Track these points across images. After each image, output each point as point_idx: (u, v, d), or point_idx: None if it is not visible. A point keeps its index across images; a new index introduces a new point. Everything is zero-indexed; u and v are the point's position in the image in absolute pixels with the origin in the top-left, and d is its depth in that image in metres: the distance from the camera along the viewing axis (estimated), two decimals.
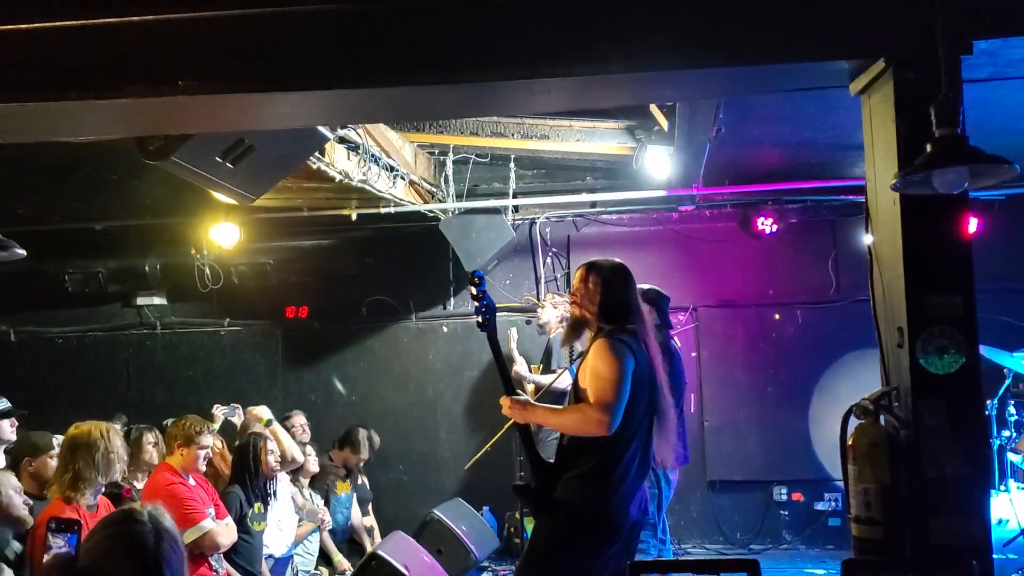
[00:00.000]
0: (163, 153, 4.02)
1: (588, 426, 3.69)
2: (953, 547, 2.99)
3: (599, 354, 3.76)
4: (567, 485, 3.77)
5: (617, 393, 3.67)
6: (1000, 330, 6.74)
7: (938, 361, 3.00)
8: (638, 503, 3.84)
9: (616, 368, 3.70)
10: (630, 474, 3.78)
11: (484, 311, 3.93)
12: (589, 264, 4.02)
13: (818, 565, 7.25)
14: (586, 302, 3.94)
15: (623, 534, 3.77)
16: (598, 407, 3.66)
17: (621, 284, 3.94)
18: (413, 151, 7.65)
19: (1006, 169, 2.59)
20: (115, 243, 8.72)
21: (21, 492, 4.02)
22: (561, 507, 3.77)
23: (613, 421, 3.64)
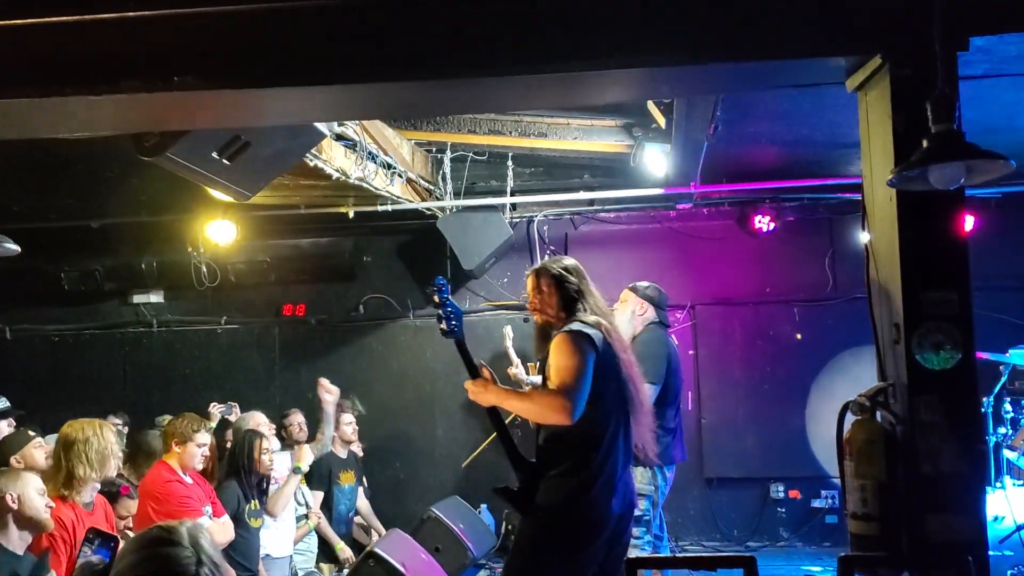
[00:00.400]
0: (159, 149, 4.02)
1: (550, 412, 3.70)
2: (949, 543, 2.99)
3: (559, 347, 3.76)
4: (547, 483, 3.77)
5: (578, 381, 3.67)
6: (996, 327, 6.75)
7: (934, 357, 3.00)
8: (621, 496, 3.83)
9: (576, 358, 3.70)
10: (608, 466, 3.77)
11: (450, 317, 3.92)
12: (536, 270, 4.04)
13: (815, 562, 7.26)
14: (544, 306, 3.95)
15: (608, 528, 3.76)
16: (560, 393, 3.67)
17: (573, 278, 3.95)
18: (410, 149, 7.64)
19: (1002, 165, 2.58)
20: (111, 241, 8.71)
21: (44, 494, 3.98)
22: (543, 506, 3.76)
23: (575, 408, 3.64)
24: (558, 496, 3.74)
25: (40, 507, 3.91)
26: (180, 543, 1.94)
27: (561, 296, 3.92)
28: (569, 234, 8.61)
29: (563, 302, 3.91)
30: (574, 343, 3.74)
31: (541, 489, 3.78)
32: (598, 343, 3.78)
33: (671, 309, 8.19)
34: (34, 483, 3.95)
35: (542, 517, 3.76)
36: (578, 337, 3.76)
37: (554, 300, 3.92)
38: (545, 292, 3.95)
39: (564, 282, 3.93)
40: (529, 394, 3.86)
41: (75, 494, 4.26)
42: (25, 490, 3.87)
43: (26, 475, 3.98)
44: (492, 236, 8.07)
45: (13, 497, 3.83)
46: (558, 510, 3.74)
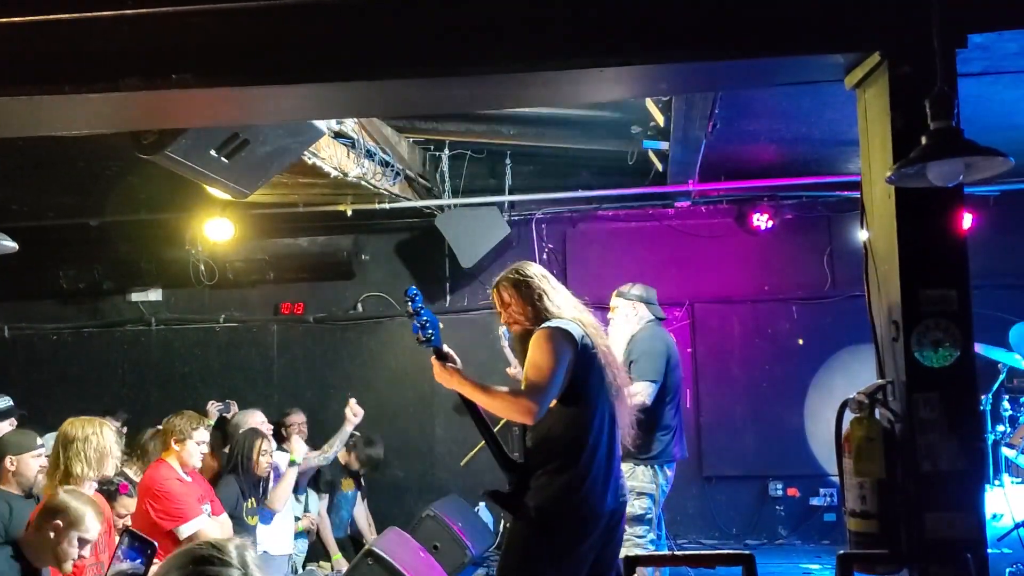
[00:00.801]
0: (157, 147, 4.01)
1: (514, 411, 3.70)
2: (949, 541, 2.99)
3: (535, 344, 3.74)
4: (537, 482, 3.75)
5: (548, 381, 3.65)
6: (993, 325, 6.75)
7: (933, 355, 3.00)
8: (613, 491, 3.81)
9: (550, 357, 3.68)
10: (596, 461, 3.75)
11: (426, 327, 3.89)
12: (495, 284, 4.00)
13: (813, 560, 7.26)
14: (515, 315, 3.91)
15: (601, 524, 3.75)
16: (527, 394, 3.65)
17: (534, 280, 3.91)
18: (409, 147, 7.64)
19: (1001, 162, 2.59)
20: (110, 239, 8.71)
21: (88, 545, 3.87)
22: (534, 506, 3.74)
23: (539, 409, 3.63)
24: (548, 495, 3.72)
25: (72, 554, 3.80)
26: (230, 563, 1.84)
27: (526, 301, 3.88)
28: (567, 232, 8.60)
29: (529, 306, 3.88)
30: (550, 339, 3.72)
31: (531, 489, 3.76)
32: (577, 337, 3.76)
33: (669, 307, 8.21)
34: (86, 531, 3.84)
35: (534, 517, 3.74)
36: (555, 333, 3.74)
37: (521, 306, 3.89)
38: (510, 303, 3.91)
39: (525, 286, 3.89)
40: (497, 391, 3.81)
41: None
42: (71, 533, 3.80)
43: (88, 523, 3.84)
44: (490, 234, 8.07)
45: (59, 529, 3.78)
46: (549, 509, 3.72)
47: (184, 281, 8.72)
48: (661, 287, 8.11)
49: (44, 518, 3.80)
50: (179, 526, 4.88)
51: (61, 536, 3.77)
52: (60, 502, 3.82)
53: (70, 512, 3.79)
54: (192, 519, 4.91)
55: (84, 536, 3.83)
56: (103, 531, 4.38)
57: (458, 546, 6.70)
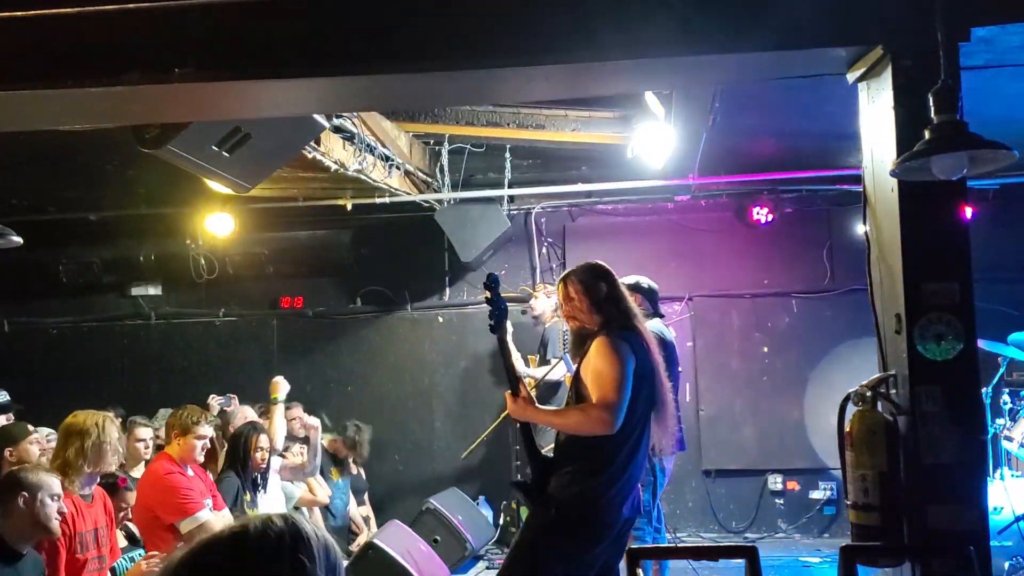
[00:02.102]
0: (159, 142, 4.01)
1: (591, 426, 3.68)
2: (951, 533, 3.00)
3: (600, 352, 3.74)
4: (561, 480, 3.76)
5: (620, 392, 3.66)
6: (993, 318, 6.75)
7: (936, 348, 3.01)
8: (632, 501, 3.84)
9: (618, 367, 3.69)
10: (627, 472, 3.76)
11: (497, 314, 3.94)
12: (564, 276, 4.03)
13: (813, 553, 7.27)
14: (577, 313, 3.93)
15: (614, 531, 3.77)
16: (601, 407, 3.65)
17: (602, 282, 3.94)
18: (408, 141, 7.63)
19: (1005, 155, 2.59)
20: (110, 233, 8.71)
21: (58, 499, 3.93)
22: (554, 502, 3.75)
23: (616, 420, 3.63)
24: (572, 494, 3.73)
25: (51, 514, 3.85)
26: None
27: (591, 300, 3.90)
28: (567, 226, 8.61)
29: (594, 306, 3.89)
30: (614, 349, 3.73)
31: (554, 483, 3.78)
32: (635, 348, 3.78)
33: (669, 300, 8.24)
34: (51, 487, 3.89)
35: (554, 512, 3.75)
36: (618, 343, 3.74)
37: (585, 305, 3.90)
38: (575, 299, 3.93)
39: (593, 286, 3.92)
40: (570, 410, 3.82)
41: (70, 484, 4.24)
42: (38, 493, 3.84)
43: (44, 477, 3.92)
44: (490, 228, 8.07)
45: (26, 499, 3.80)
46: (570, 509, 3.73)
47: (184, 275, 8.72)
48: (661, 281, 8.10)
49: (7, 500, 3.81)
50: (181, 520, 4.87)
51: (32, 504, 3.80)
52: (13, 479, 3.88)
53: (26, 481, 3.84)
54: (194, 513, 4.90)
55: (52, 492, 3.87)
56: (105, 524, 4.40)
57: (458, 539, 6.71)
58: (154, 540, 4.88)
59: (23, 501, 3.79)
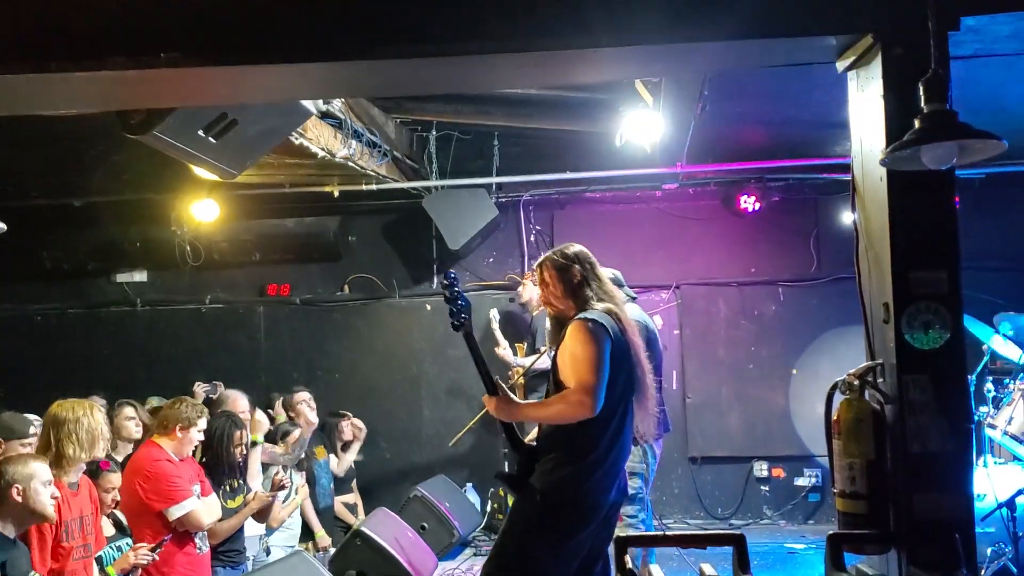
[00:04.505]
0: (145, 127, 3.97)
1: (573, 411, 3.66)
2: (937, 521, 3.01)
3: (576, 336, 3.73)
4: (545, 467, 3.76)
5: (597, 374, 3.65)
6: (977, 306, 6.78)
7: (923, 336, 3.02)
8: (618, 484, 3.84)
9: (594, 349, 3.68)
10: (611, 455, 3.76)
11: (460, 311, 3.87)
12: (540, 261, 4.01)
13: (798, 539, 7.31)
14: (553, 297, 3.93)
15: (601, 515, 3.77)
16: (580, 390, 3.64)
17: (576, 266, 3.91)
18: (396, 128, 7.60)
19: (995, 145, 2.59)
20: (94, 219, 8.65)
21: (51, 484, 3.93)
22: (539, 489, 3.75)
23: (596, 403, 3.62)
24: (554, 480, 3.73)
25: (46, 501, 3.87)
26: None
27: (566, 285, 3.89)
28: (555, 214, 8.60)
29: (570, 291, 3.88)
30: (589, 332, 3.71)
31: (538, 471, 3.77)
32: (612, 331, 3.76)
33: (656, 288, 8.28)
34: (42, 475, 3.89)
35: (538, 500, 3.75)
36: (594, 326, 3.73)
37: (560, 290, 3.89)
38: (550, 284, 3.92)
39: (567, 271, 3.90)
40: (550, 401, 3.81)
41: (63, 474, 4.22)
42: (31, 483, 3.83)
43: (34, 465, 3.91)
44: (478, 216, 8.06)
45: (19, 490, 3.79)
46: (554, 495, 3.72)
47: (169, 262, 8.68)
48: (648, 269, 8.20)
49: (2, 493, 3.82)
50: (169, 507, 4.85)
51: (27, 494, 3.80)
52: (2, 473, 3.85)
53: (19, 473, 3.83)
54: (182, 500, 4.89)
55: (43, 479, 3.88)
56: (90, 512, 4.38)
57: (445, 526, 6.73)
58: (142, 527, 4.86)
59: (17, 492, 3.79)
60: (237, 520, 5.43)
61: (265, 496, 5.55)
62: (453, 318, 3.87)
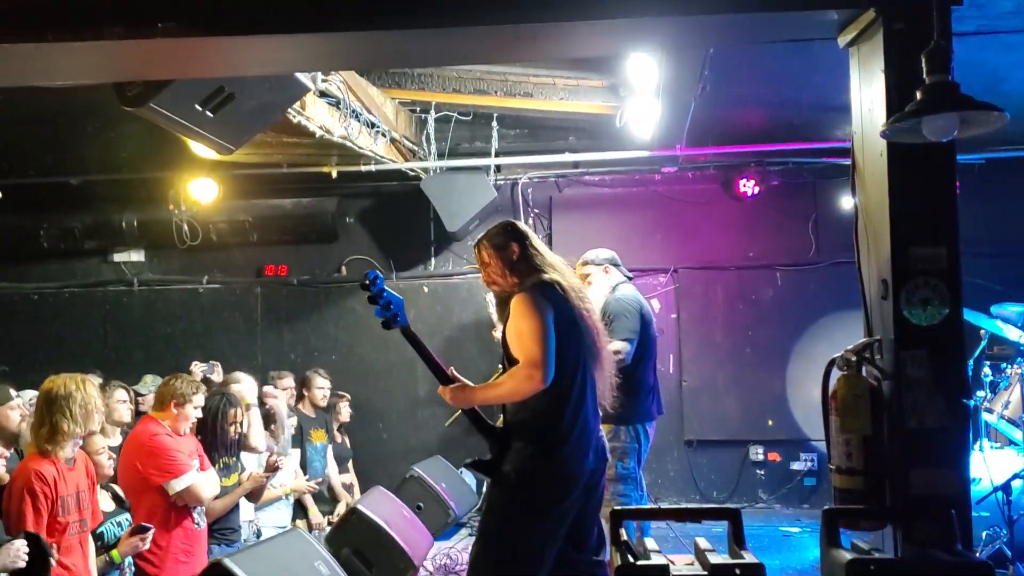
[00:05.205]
0: (142, 99, 3.95)
1: (523, 386, 3.64)
2: (933, 497, 3.02)
3: (517, 311, 3.71)
4: (516, 445, 3.75)
5: (542, 345, 3.62)
6: (977, 292, 6.79)
7: (921, 312, 3.01)
8: (594, 450, 3.81)
9: (536, 321, 3.65)
10: (578, 423, 3.74)
11: (388, 309, 3.84)
12: (476, 242, 3.99)
13: (793, 523, 7.33)
14: (494, 276, 3.91)
15: (580, 484, 3.74)
16: (527, 365, 3.62)
17: (514, 243, 3.89)
18: (394, 108, 7.58)
19: (997, 117, 2.58)
20: (91, 198, 8.62)
21: None
22: (512, 469, 3.74)
23: (546, 374, 3.60)
24: (527, 456, 3.72)
25: None
26: None
27: (505, 262, 3.87)
28: (553, 197, 8.57)
29: (509, 267, 3.86)
30: (530, 304, 3.69)
31: (511, 453, 3.76)
32: (552, 299, 3.74)
33: (654, 272, 8.27)
34: None
35: (513, 479, 3.73)
36: (534, 297, 3.71)
37: (500, 268, 3.87)
38: (489, 263, 3.90)
39: (505, 248, 3.88)
40: (500, 381, 3.80)
41: (58, 449, 4.20)
42: None
43: None
44: (476, 198, 8.03)
45: None
46: (527, 470, 3.71)
47: (167, 242, 8.64)
48: (646, 253, 8.19)
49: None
50: (169, 481, 4.85)
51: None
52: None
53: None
54: (183, 474, 4.89)
55: None
56: (87, 487, 4.37)
57: (441, 506, 6.72)
58: (141, 502, 4.86)
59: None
60: (231, 498, 5.44)
61: (259, 476, 5.56)
62: (380, 317, 3.84)
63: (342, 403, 7.74)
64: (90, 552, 4.34)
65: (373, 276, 3.87)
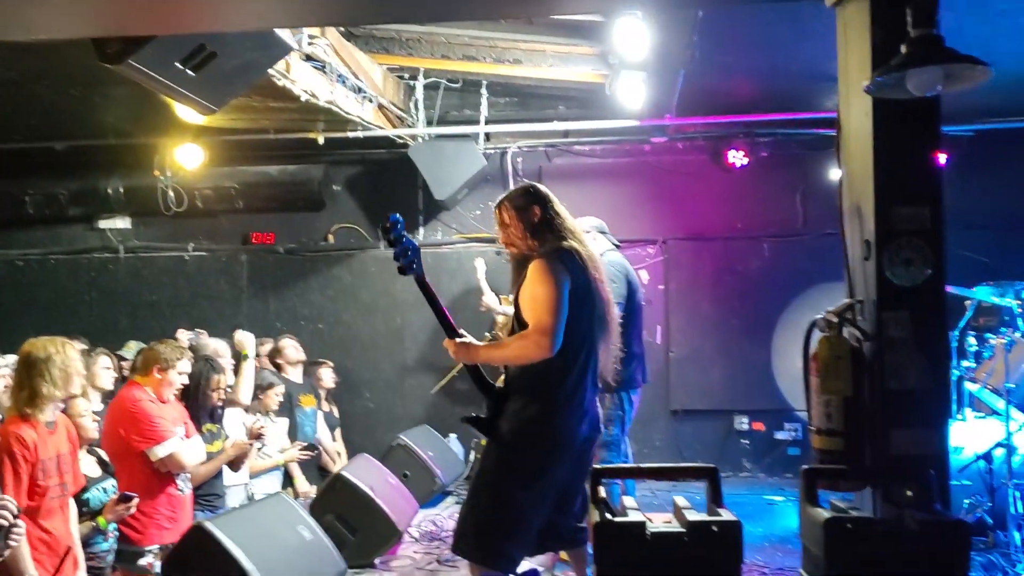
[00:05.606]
0: (121, 56, 3.87)
1: (530, 352, 3.67)
2: (912, 457, 3.02)
3: (534, 276, 3.72)
4: (514, 407, 3.77)
5: (555, 314, 3.64)
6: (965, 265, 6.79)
7: (904, 273, 3.00)
8: (589, 420, 3.84)
9: (552, 289, 3.66)
10: (579, 392, 3.77)
11: (406, 255, 3.80)
12: (498, 202, 3.97)
13: (777, 492, 7.37)
14: (513, 237, 3.90)
15: (572, 451, 3.77)
16: (537, 331, 3.64)
17: (536, 205, 3.88)
18: (382, 74, 7.51)
19: (982, 71, 2.55)
20: (76, 164, 8.57)
21: None
22: (509, 430, 3.76)
23: (554, 343, 3.62)
24: (523, 418, 3.73)
25: None
26: None
27: (526, 225, 3.85)
28: (543, 166, 8.53)
29: (530, 230, 3.85)
30: (548, 271, 3.69)
31: (508, 412, 3.78)
32: (571, 269, 3.74)
33: (643, 243, 8.26)
34: None
35: (508, 439, 3.76)
36: (552, 264, 3.71)
37: (519, 230, 3.86)
38: (510, 224, 3.89)
39: (527, 210, 3.87)
40: (508, 342, 3.81)
41: (38, 412, 4.16)
42: None
43: None
44: (465, 166, 7.99)
45: None
46: (522, 432, 3.73)
47: (152, 208, 8.58)
48: (635, 223, 8.17)
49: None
50: (152, 447, 4.84)
51: None
52: None
53: None
54: (165, 441, 4.87)
55: None
56: (68, 451, 4.34)
57: (428, 474, 6.72)
58: (125, 467, 4.84)
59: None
60: (214, 465, 5.42)
61: (243, 444, 5.55)
62: (399, 261, 3.80)
63: (323, 369, 7.71)
64: (72, 516, 4.31)
65: (395, 219, 3.84)
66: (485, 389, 3.91)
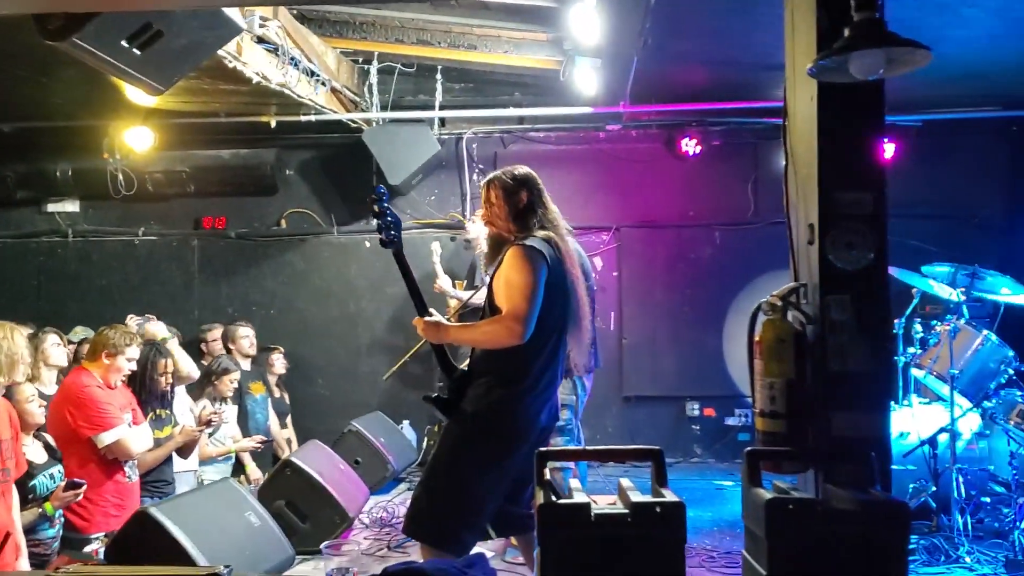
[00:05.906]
0: (63, 33, 3.78)
1: (502, 337, 3.66)
2: (854, 440, 3.05)
3: (511, 262, 3.71)
4: (477, 390, 3.76)
5: (530, 302, 3.63)
6: (911, 252, 6.91)
7: (846, 256, 3.03)
8: (548, 409, 3.85)
9: (528, 276, 3.65)
10: (542, 381, 3.77)
11: (389, 227, 3.82)
12: (489, 179, 3.95)
13: (726, 477, 7.46)
14: (495, 217, 3.89)
15: (530, 440, 3.76)
16: (510, 317, 3.63)
17: (523, 189, 3.87)
18: (336, 58, 7.45)
19: (923, 55, 2.58)
20: (24, 146, 8.41)
21: None
22: (470, 412, 3.75)
23: (526, 330, 3.62)
24: (486, 403, 3.72)
25: None
26: None
27: (511, 208, 3.84)
28: (498, 153, 8.53)
29: (513, 214, 3.84)
30: (527, 258, 3.68)
31: (470, 395, 3.77)
32: (549, 259, 3.73)
33: (596, 231, 8.29)
34: None
35: (469, 423, 3.74)
36: (531, 253, 3.69)
37: (504, 211, 3.85)
38: (495, 203, 3.87)
39: (515, 193, 3.85)
40: (478, 325, 3.80)
41: None
42: None
43: None
44: (419, 151, 7.96)
45: None
46: (484, 417, 3.72)
47: (102, 192, 8.44)
48: (589, 211, 8.20)
49: None
50: (99, 434, 4.77)
51: None
52: None
53: None
54: (112, 427, 4.80)
55: None
56: (10, 436, 4.26)
57: (380, 460, 6.70)
58: (71, 453, 4.77)
59: None
60: (163, 451, 5.36)
61: (192, 431, 5.49)
62: (382, 233, 3.83)
63: (275, 355, 7.66)
64: (14, 503, 4.23)
65: (380, 191, 3.88)
66: (447, 369, 3.90)
